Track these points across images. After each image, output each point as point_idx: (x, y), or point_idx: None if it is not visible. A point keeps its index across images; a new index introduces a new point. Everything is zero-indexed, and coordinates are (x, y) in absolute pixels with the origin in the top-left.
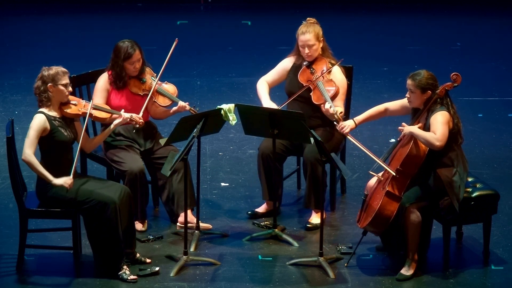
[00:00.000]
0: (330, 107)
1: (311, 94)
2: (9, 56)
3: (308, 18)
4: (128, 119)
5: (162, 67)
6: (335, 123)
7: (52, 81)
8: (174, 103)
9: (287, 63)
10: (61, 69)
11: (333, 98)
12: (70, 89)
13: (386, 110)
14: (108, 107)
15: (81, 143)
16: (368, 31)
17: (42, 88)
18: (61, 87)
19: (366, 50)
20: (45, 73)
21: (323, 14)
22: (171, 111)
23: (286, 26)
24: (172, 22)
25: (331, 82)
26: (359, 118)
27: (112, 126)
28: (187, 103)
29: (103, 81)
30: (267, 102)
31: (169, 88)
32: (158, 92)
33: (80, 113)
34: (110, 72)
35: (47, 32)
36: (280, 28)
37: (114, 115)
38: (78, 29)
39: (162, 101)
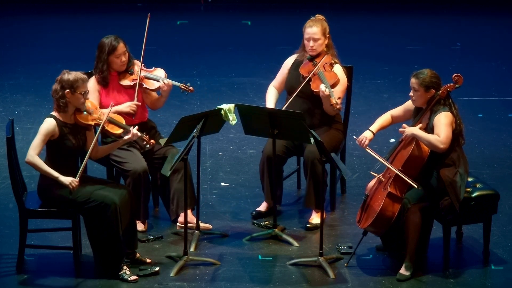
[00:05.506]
0: (326, 89)
1: (310, 83)
2: (9, 56)
3: (317, 15)
4: (137, 136)
5: (142, 50)
6: (354, 137)
7: (71, 88)
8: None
9: (289, 61)
10: (81, 76)
11: (332, 86)
12: (88, 97)
13: (392, 118)
14: (122, 122)
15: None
16: (368, 31)
17: (60, 94)
18: (79, 95)
19: (366, 50)
20: (65, 78)
21: (323, 14)
22: (162, 94)
23: (286, 26)
24: (172, 22)
25: (333, 73)
26: (375, 127)
27: (120, 141)
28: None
29: (92, 83)
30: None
31: (157, 71)
32: (146, 78)
33: (93, 123)
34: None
35: (47, 32)
36: (280, 28)
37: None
38: (78, 29)
39: (151, 85)
